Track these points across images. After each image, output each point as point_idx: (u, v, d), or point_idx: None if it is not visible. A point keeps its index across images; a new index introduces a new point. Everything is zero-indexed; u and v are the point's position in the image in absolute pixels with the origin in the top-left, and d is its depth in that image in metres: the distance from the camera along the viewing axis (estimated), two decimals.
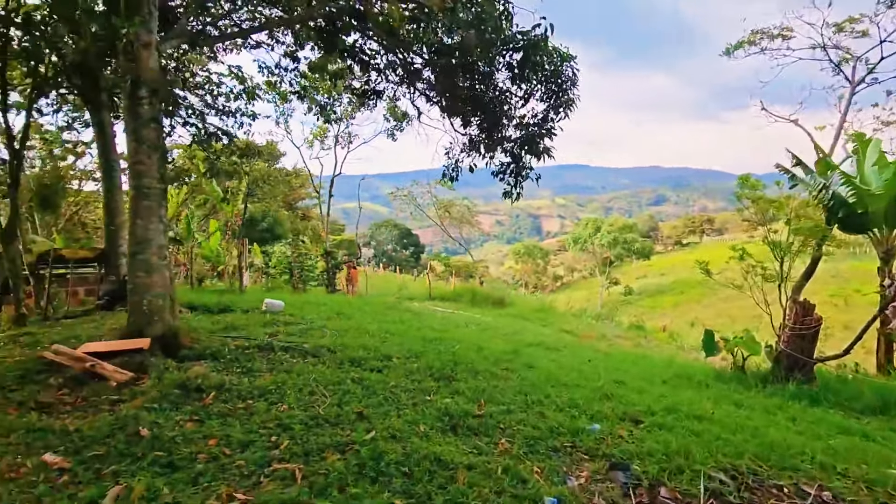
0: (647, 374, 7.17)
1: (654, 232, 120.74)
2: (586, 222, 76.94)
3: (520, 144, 6.41)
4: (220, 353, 5.28)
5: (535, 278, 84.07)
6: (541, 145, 6.16)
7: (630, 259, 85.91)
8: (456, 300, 18.11)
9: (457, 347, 6.60)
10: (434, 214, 28.89)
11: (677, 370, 7.88)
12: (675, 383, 6.83)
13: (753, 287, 9.56)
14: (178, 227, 17.06)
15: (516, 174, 6.53)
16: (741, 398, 6.06)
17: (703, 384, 6.88)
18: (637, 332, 20.46)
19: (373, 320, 9.06)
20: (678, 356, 11.90)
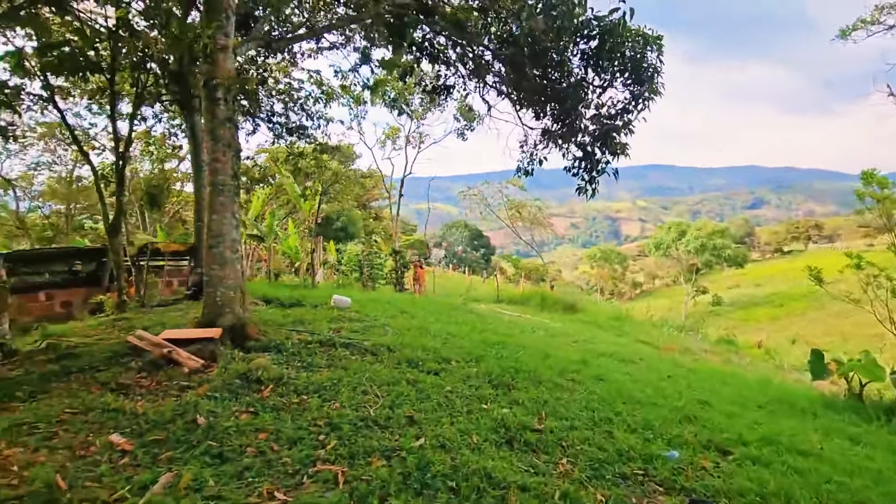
0: (738, 396, 6.32)
1: (749, 238, 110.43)
2: (669, 226, 71.93)
3: (594, 140, 5.92)
4: (284, 346, 5.40)
5: (611, 284, 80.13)
6: (617, 141, 5.62)
7: (720, 267, 79.16)
8: (524, 304, 17.58)
9: (520, 353, 6.26)
10: (505, 215, 28.37)
11: (776, 393, 6.89)
12: (774, 409, 5.94)
13: (875, 301, 8.17)
14: (262, 225, 18.27)
15: (590, 170, 6.04)
16: (858, 432, 5.12)
17: (809, 412, 5.93)
18: (727, 346, 18.58)
19: (436, 320, 8.95)
20: (777, 377, 10.55)
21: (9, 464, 2.71)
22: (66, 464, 2.75)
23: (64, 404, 3.60)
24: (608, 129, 5.67)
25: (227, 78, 5.27)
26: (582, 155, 6.16)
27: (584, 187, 6.12)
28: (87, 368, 4.54)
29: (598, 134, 5.76)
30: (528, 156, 8.00)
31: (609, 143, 5.54)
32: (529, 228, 27.94)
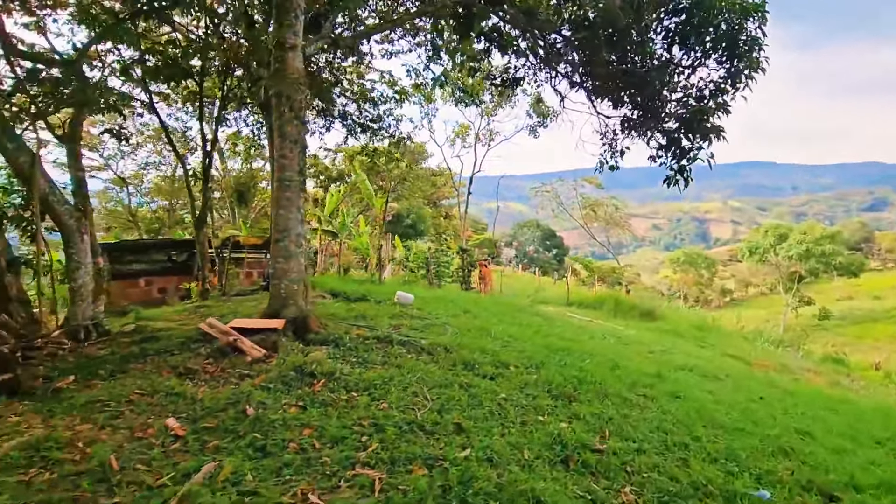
0: (848, 428, 5.37)
1: (867, 244, 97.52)
2: (767, 228, 65.16)
3: (681, 124, 5.27)
4: (342, 340, 5.43)
5: (696, 291, 74.29)
6: (708, 123, 4.93)
7: (829, 276, 70.54)
8: (596, 308, 16.63)
9: (586, 362, 5.80)
10: (578, 214, 27.07)
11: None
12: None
13: None
14: (336, 222, 19.04)
15: (679, 157, 5.39)
16: None
17: None
18: (835, 366, 16.29)
19: (499, 322, 8.65)
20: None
21: (77, 439, 2.88)
22: (123, 444, 2.87)
23: (136, 385, 3.82)
24: (698, 111, 5.01)
25: (295, 76, 5.38)
26: (667, 142, 5.54)
27: (672, 177, 5.49)
28: (163, 352, 4.85)
29: (687, 117, 5.12)
30: (608, 148, 7.44)
31: (700, 126, 4.89)
32: (605, 229, 26.37)
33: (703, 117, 4.91)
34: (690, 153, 5.32)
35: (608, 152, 7.41)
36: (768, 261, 62.90)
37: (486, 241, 44.14)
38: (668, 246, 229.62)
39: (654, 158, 5.91)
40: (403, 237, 25.49)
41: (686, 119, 5.17)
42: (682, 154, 5.40)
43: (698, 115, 5.00)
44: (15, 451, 2.66)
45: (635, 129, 6.74)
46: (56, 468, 2.57)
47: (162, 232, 21.08)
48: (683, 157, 5.42)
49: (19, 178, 5.48)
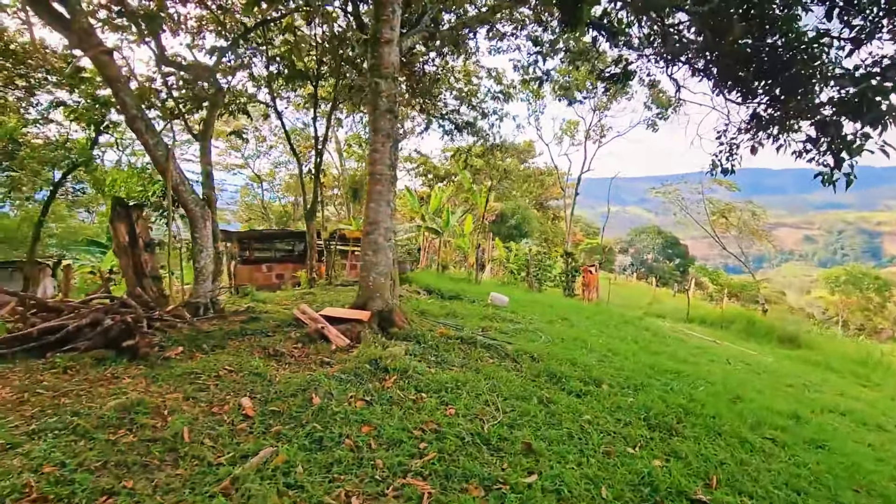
0: None
1: None
2: None
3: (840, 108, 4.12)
4: (424, 337, 5.32)
5: (861, 317, 61.75)
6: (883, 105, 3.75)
7: None
8: (724, 327, 14.54)
9: (699, 389, 4.93)
10: (706, 221, 23.90)
11: None
12: None
13: None
14: (440, 220, 19.36)
15: (837, 150, 4.23)
16: None
17: None
18: None
19: (599, 333, 7.92)
20: None
21: (164, 406, 3.11)
22: (199, 417, 3.02)
23: (228, 361, 4.09)
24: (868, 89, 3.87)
25: (389, 70, 5.40)
26: (818, 131, 4.40)
27: (828, 176, 4.36)
28: (259, 333, 5.18)
29: (850, 98, 3.99)
30: (727, 148, 6.33)
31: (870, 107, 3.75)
32: (739, 238, 22.86)
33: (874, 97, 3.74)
34: (854, 144, 4.14)
35: (725, 153, 6.28)
36: None
37: (598, 247, 41.73)
38: (824, 262, 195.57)
39: (801, 154, 4.76)
40: (507, 238, 25.09)
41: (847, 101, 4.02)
42: (841, 145, 4.23)
43: (869, 92, 3.85)
44: (112, 411, 2.94)
45: (766, 127, 5.58)
46: (139, 432, 2.77)
47: (288, 224, 23.46)
48: (844, 150, 4.24)
49: (157, 170, 6.31)
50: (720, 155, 6.48)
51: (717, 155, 6.49)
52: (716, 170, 6.54)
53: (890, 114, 3.76)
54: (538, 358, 5.15)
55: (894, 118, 3.75)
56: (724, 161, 6.46)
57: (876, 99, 3.92)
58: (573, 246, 56.82)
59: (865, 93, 3.91)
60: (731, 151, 6.36)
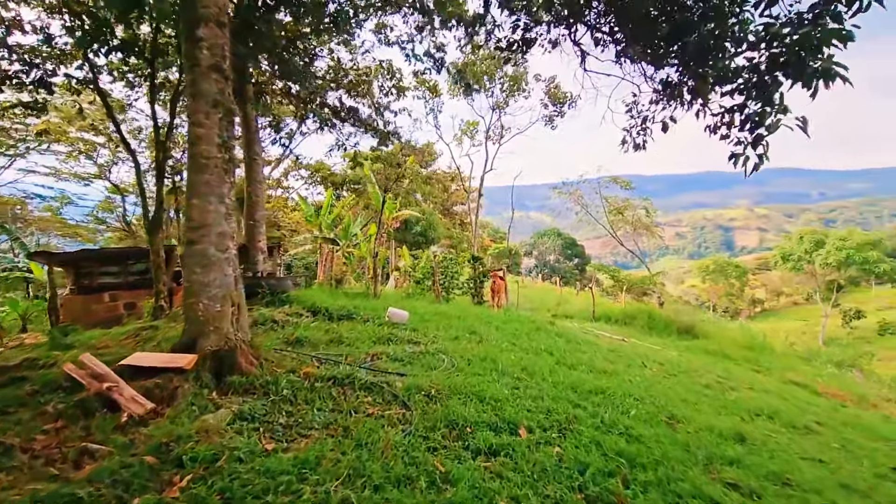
0: None
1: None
2: (801, 235, 61.78)
3: (769, 66, 3.48)
4: (279, 384, 3.78)
5: (726, 301, 70.55)
6: (816, 61, 3.13)
7: (868, 284, 66.42)
8: (627, 324, 14.64)
9: (632, 414, 4.01)
10: (604, 220, 24.86)
11: None
12: None
13: None
14: (338, 229, 17.58)
15: (755, 122, 3.60)
16: None
17: None
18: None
19: (511, 346, 6.91)
20: None
21: None
22: None
23: None
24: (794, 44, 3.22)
25: (211, 9, 3.83)
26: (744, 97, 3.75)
27: (741, 155, 3.70)
28: (6, 405, 3.28)
29: (777, 55, 3.36)
30: (638, 122, 5.72)
31: (801, 62, 3.11)
32: (633, 234, 24.14)
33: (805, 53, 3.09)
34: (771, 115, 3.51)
35: (636, 127, 5.68)
36: (803, 269, 59.54)
37: (505, 251, 42.37)
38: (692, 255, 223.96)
39: (714, 129, 4.13)
40: (414, 246, 23.91)
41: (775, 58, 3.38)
42: (760, 119, 3.60)
43: (802, 43, 3.21)
44: None
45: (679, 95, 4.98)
46: None
47: None
48: (762, 123, 3.63)
49: None
50: (631, 130, 5.83)
51: (628, 130, 5.84)
52: (626, 145, 5.89)
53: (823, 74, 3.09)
54: (436, 396, 3.89)
55: (829, 74, 3.09)
56: (635, 136, 5.83)
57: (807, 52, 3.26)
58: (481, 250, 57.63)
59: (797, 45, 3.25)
60: (642, 125, 5.73)
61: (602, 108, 12.96)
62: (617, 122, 5.84)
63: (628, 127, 5.85)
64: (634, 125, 5.83)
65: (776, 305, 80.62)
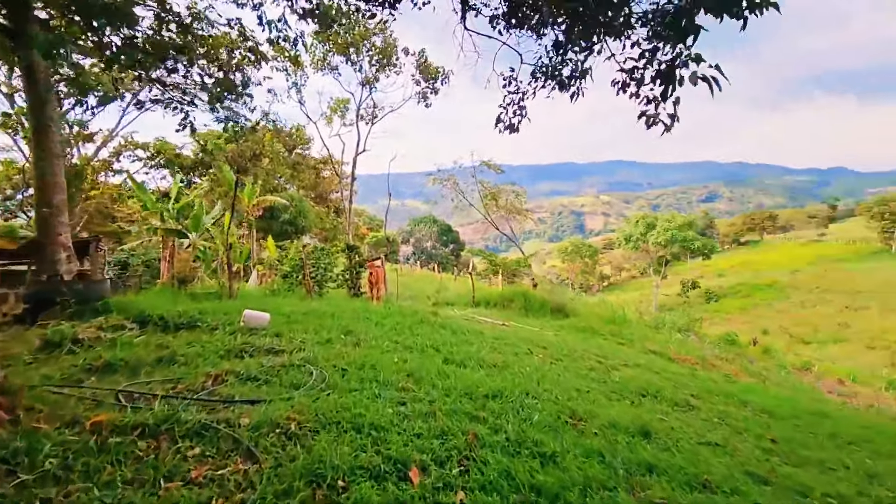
0: None
1: (709, 230, 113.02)
2: (637, 219, 71.88)
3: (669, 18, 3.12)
4: (39, 450, 2.43)
5: (581, 277, 79.22)
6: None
7: (685, 259, 79.92)
8: (505, 307, 14.89)
9: (535, 419, 3.49)
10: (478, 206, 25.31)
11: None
12: None
13: None
14: (187, 221, 14.87)
15: (666, 75, 3.27)
16: None
17: None
18: (730, 347, 16.58)
19: (394, 346, 6.10)
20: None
21: None
22: None
23: None
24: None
25: None
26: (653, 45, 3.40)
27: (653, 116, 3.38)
28: None
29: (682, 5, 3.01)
30: (516, 99, 5.26)
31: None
32: (506, 219, 25.08)
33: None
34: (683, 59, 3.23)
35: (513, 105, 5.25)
36: (640, 247, 69.27)
37: (382, 239, 41.40)
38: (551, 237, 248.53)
39: (623, 87, 3.79)
40: (281, 236, 21.63)
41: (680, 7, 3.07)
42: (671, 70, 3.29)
43: None
44: None
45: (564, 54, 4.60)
46: None
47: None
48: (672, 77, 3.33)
49: None
50: (508, 108, 5.34)
51: (505, 108, 5.34)
52: (501, 125, 5.41)
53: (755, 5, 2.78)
54: (297, 433, 2.90)
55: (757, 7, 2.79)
56: (511, 116, 5.36)
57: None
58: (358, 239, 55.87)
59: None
60: (519, 103, 5.27)
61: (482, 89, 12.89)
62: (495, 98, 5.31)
63: (505, 104, 5.37)
64: (512, 103, 5.37)
65: (619, 280, 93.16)
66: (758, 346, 20.23)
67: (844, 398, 12.14)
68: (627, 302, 41.70)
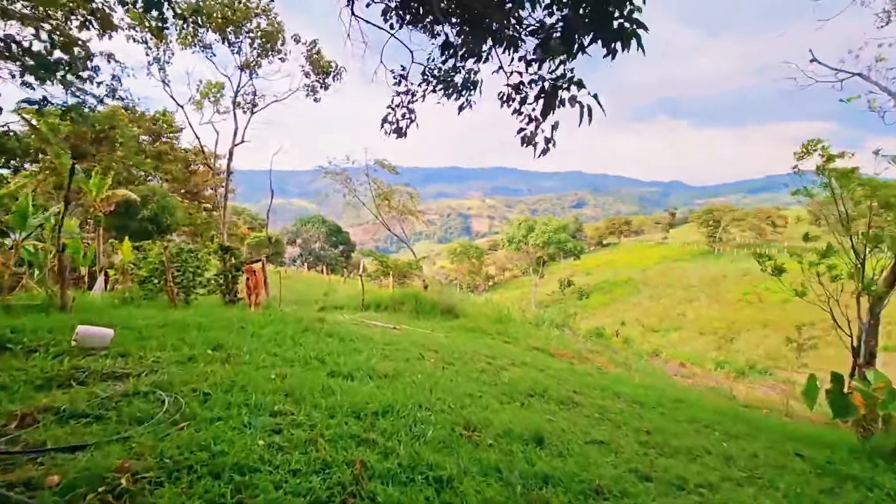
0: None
1: (579, 233, 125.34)
2: (519, 222, 76.96)
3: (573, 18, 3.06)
4: None
5: (469, 278, 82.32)
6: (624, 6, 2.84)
7: (559, 259, 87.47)
8: (396, 309, 14.62)
9: (430, 435, 3.26)
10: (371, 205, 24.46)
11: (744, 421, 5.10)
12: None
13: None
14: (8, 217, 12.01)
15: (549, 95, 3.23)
16: None
17: None
18: (599, 339, 18.33)
19: (272, 360, 5.44)
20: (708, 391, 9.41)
21: None
22: None
23: None
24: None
25: None
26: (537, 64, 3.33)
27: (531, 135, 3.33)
28: None
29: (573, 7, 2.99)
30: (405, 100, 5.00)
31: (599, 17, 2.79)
32: (398, 219, 24.65)
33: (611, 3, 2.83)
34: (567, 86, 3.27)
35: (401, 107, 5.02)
36: (521, 248, 74.11)
37: (264, 240, 38.40)
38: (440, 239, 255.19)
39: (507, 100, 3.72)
40: (141, 236, 18.70)
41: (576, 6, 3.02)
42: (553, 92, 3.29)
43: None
44: None
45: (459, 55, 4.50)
46: None
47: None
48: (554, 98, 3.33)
49: None
50: (396, 108, 5.07)
51: (393, 108, 5.06)
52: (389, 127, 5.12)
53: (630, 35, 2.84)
54: (131, 489, 2.28)
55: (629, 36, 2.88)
56: (399, 118, 5.10)
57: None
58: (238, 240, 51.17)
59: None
60: (408, 104, 5.04)
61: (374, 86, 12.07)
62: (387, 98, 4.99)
63: (394, 105, 5.09)
64: (401, 104, 5.10)
65: (503, 279, 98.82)
66: (620, 336, 22.79)
67: (687, 379, 14.11)
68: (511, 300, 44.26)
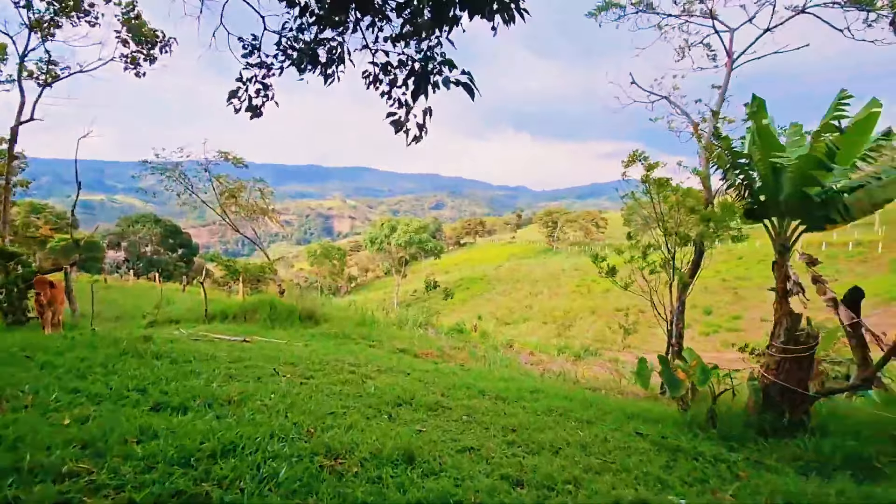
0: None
1: (438, 233, 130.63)
2: (382, 222, 76.92)
3: None
4: None
5: (330, 280, 79.43)
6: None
7: (421, 258, 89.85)
8: (247, 319, 13.08)
9: (283, 474, 2.74)
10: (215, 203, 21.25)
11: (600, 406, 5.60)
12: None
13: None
14: None
15: (419, 76, 3.01)
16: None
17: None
18: (459, 335, 18.97)
19: (67, 399, 4.21)
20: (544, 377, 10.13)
21: None
22: None
23: None
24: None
25: None
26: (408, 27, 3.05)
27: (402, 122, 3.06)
28: None
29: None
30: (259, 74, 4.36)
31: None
32: (250, 220, 21.97)
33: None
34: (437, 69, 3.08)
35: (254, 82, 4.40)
36: (384, 249, 74.21)
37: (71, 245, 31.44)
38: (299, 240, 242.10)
39: (375, 82, 3.38)
40: None
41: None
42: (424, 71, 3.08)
43: None
44: None
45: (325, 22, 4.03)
46: None
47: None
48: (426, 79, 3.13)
49: None
50: (249, 83, 4.39)
51: (245, 82, 4.36)
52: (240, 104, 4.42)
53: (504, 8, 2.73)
54: None
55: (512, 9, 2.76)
56: (252, 94, 4.43)
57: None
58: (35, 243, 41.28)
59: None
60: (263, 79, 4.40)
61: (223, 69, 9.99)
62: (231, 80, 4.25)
63: (245, 79, 4.39)
64: (254, 78, 4.43)
65: (365, 280, 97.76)
66: (478, 331, 24.06)
67: (536, 366, 15.40)
68: (374, 301, 43.74)
